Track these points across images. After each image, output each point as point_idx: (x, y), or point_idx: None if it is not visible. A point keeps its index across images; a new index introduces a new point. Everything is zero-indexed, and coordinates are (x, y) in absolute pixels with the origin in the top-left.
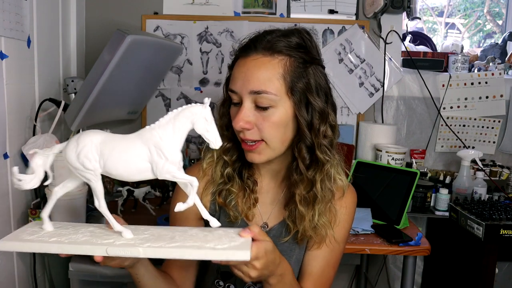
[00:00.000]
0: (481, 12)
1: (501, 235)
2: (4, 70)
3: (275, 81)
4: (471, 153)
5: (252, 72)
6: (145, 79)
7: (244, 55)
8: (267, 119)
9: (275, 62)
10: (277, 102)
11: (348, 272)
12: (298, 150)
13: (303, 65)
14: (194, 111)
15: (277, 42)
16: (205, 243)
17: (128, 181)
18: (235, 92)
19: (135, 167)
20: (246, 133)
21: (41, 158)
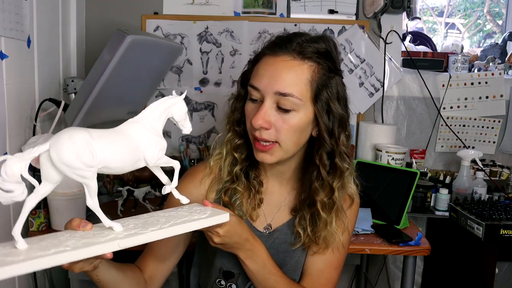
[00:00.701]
0: (481, 12)
1: (501, 235)
2: (4, 70)
3: (302, 86)
4: (471, 153)
5: (280, 72)
6: (145, 79)
7: (272, 54)
8: (286, 122)
9: (305, 67)
10: (300, 106)
11: (348, 272)
12: (319, 157)
13: (328, 74)
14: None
15: (308, 48)
16: (191, 217)
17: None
18: (258, 89)
19: (128, 159)
20: (262, 133)
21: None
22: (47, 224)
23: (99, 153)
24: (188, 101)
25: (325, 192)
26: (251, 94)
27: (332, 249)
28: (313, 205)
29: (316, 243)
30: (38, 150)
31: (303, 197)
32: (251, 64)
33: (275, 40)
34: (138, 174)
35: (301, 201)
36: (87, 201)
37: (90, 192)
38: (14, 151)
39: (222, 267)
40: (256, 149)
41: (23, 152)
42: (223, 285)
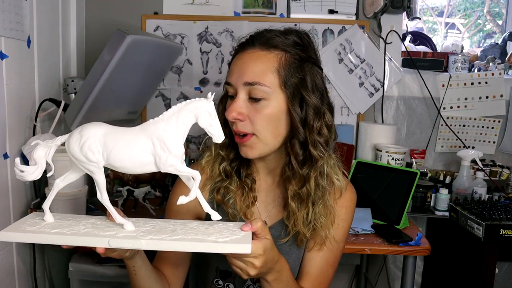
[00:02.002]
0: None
1: (501, 235)
2: (4, 70)
3: (269, 74)
4: (471, 153)
5: (247, 64)
6: (145, 79)
7: (241, 50)
8: (259, 111)
9: (271, 56)
10: (270, 95)
11: (348, 272)
12: (291, 146)
13: (298, 62)
14: (198, 105)
15: (275, 38)
16: (207, 236)
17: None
18: (231, 84)
19: (138, 160)
20: (238, 125)
21: (43, 150)
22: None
23: (106, 151)
24: None
25: (295, 181)
26: (227, 91)
27: (326, 244)
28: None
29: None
30: (61, 139)
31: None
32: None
33: (245, 39)
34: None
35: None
36: (97, 195)
37: (98, 187)
38: (14, 151)
39: (219, 267)
40: (238, 144)
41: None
42: (221, 285)
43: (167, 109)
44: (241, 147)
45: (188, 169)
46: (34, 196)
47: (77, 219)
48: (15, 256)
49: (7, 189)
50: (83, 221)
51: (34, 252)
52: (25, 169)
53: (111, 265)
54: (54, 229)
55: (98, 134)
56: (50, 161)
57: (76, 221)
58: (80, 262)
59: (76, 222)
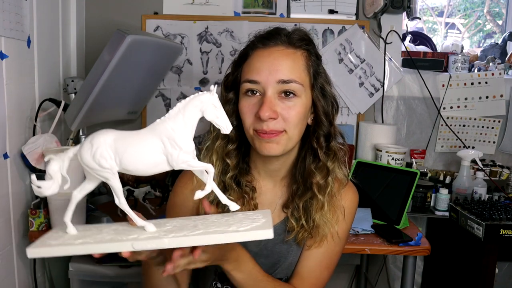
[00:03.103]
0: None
1: (501, 235)
2: (4, 70)
3: (301, 71)
4: (471, 153)
5: (279, 61)
6: (145, 79)
7: (263, 47)
8: (292, 108)
9: (298, 54)
10: (302, 92)
11: (348, 272)
12: (316, 139)
13: (316, 59)
14: (202, 99)
15: (294, 36)
16: (227, 227)
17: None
18: (258, 82)
19: (150, 161)
20: (270, 124)
21: (57, 164)
22: (47, 224)
23: (118, 156)
24: None
25: (322, 174)
26: (249, 89)
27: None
28: (306, 192)
29: (311, 234)
30: (72, 150)
31: (295, 188)
32: (235, 65)
33: (262, 35)
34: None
35: (293, 192)
36: (115, 201)
37: (115, 192)
38: (14, 151)
39: (217, 269)
40: (261, 141)
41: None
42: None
43: (167, 109)
44: (265, 144)
45: (200, 163)
46: (34, 196)
47: (99, 228)
48: (15, 256)
49: (7, 189)
50: (105, 229)
51: None
52: (42, 185)
53: (111, 265)
54: (79, 239)
55: (108, 141)
56: (65, 174)
57: (98, 230)
58: (80, 262)
59: (98, 231)
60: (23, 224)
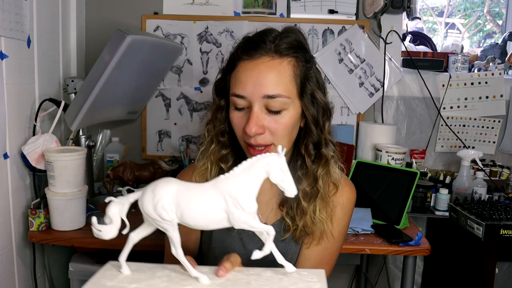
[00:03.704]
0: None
1: (501, 235)
2: (4, 70)
3: (287, 83)
4: (471, 153)
5: (264, 75)
6: (145, 79)
7: (249, 58)
8: (279, 122)
9: (285, 64)
10: (289, 104)
11: (348, 272)
12: (305, 147)
13: (306, 64)
14: (269, 161)
15: (282, 44)
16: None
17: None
18: (243, 97)
19: (211, 218)
20: (258, 138)
21: (116, 206)
22: (47, 224)
23: (180, 210)
24: (188, 101)
25: (308, 181)
26: (235, 103)
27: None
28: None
29: (307, 233)
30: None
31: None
32: (224, 72)
33: (247, 44)
34: (138, 174)
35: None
36: (172, 250)
37: (173, 243)
38: (14, 151)
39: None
40: (251, 154)
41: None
42: None
43: (167, 109)
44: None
45: (261, 225)
46: (34, 196)
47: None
48: (15, 256)
49: (7, 189)
50: (159, 272)
51: (34, 252)
52: (102, 229)
53: None
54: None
55: (171, 193)
56: (125, 218)
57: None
58: (80, 262)
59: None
60: (23, 224)
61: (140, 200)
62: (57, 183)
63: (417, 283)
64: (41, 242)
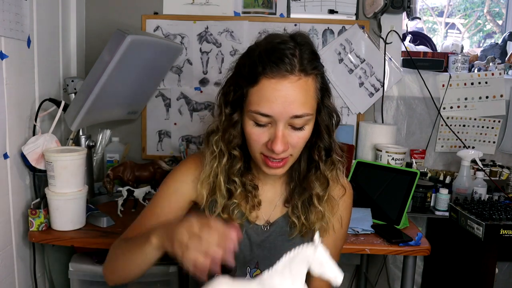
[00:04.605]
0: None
1: (501, 235)
2: (4, 70)
3: (312, 101)
4: (471, 153)
5: (293, 96)
6: (145, 79)
7: (273, 76)
8: (301, 137)
9: (310, 82)
10: (311, 120)
11: (348, 272)
12: (318, 153)
13: (321, 75)
14: (308, 254)
15: (304, 60)
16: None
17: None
18: (270, 116)
19: None
20: (281, 154)
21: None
22: (47, 224)
23: None
24: (188, 101)
25: (321, 185)
26: (257, 120)
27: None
28: (303, 192)
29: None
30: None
31: (292, 187)
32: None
33: (269, 58)
34: (138, 174)
35: (291, 191)
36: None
37: None
38: (14, 151)
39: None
40: (268, 166)
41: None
42: None
43: (167, 109)
44: (272, 169)
45: None
46: (34, 196)
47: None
48: (15, 256)
49: (7, 189)
50: None
51: (34, 252)
52: None
53: None
54: None
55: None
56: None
57: None
58: (80, 262)
59: None
60: (23, 224)
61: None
62: (57, 183)
63: (417, 283)
64: (41, 242)
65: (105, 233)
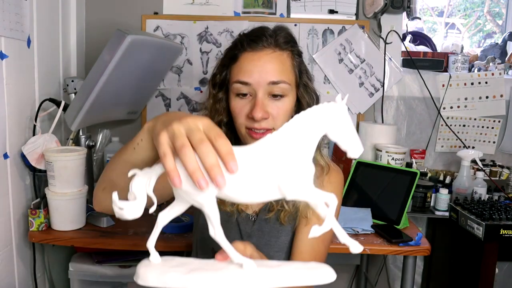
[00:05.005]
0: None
1: (501, 235)
2: (4, 70)
3: (289, 72)
4: (471, 153)
5: (269, 64)
6: (145, 79)
7: (251, 50)
8: (281, 108)
9: (285, 56)
10: (289, 91)
11: (348, 272)
12: None
13: (299, 57)
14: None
15: (280, 38)
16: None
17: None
18: (249, 84)
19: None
20: (262, 123)
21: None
22: (47, 224)
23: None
24: (188, 101)
25: None
26: (239, 89)
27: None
28: None
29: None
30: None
31: None
32: (223, 65)
33: (248, 38)
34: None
35: None
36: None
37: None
38: (14, 151)
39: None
40: (253, 139)
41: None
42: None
43: (167, 109)
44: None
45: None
46: (34, 196)
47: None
48: (15, 256)
49: (7, 189)
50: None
51: (34, 252)
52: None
53: (111, 265)
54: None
55: None
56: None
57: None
58: (80, 262)
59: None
60: (23, 224)
61: None
62: (57, 183)
63: (417, 283)
64: (41, 242)
65: (105, 233)
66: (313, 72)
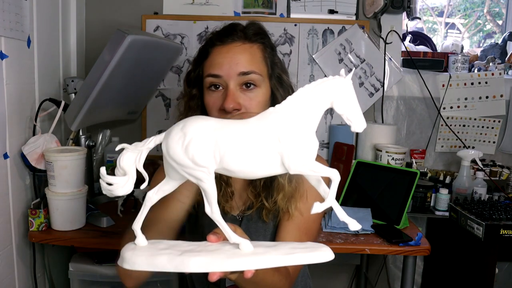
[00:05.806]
0: (481, 12)
1: (501, 235)
2: (4, 70)
3: (259, 63)
4: (471, 153)
5: (238, 55)
6: (145, 79)
7: (222, 44)
8: (253, 99)
9: (255, 48)
10: (261, 82)
11: (348, 272)
12: None
13: (271, 50)
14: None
15: (249, 31)
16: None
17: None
18: (220, 76)
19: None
20: (234, 115)
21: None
22: (47, 224)
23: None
24: None
25: None
26: (211, 82)
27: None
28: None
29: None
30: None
31: None
32: (196, 63)
33: (219, 33)
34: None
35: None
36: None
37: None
38: (14, 151)
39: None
40: None
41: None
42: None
43: (167, 109)
44: None
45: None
46: (34, 196)
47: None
48: (15, 256)
49: (7, 189)
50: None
51: (34, 252)
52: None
53: (111, 265)
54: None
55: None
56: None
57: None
58: (80, 262)
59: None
60: (23, 224)
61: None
62: (57, 183)
63: (417, 283)
64: (41, 242)
65: (105, 233)
66: (313, 72)
